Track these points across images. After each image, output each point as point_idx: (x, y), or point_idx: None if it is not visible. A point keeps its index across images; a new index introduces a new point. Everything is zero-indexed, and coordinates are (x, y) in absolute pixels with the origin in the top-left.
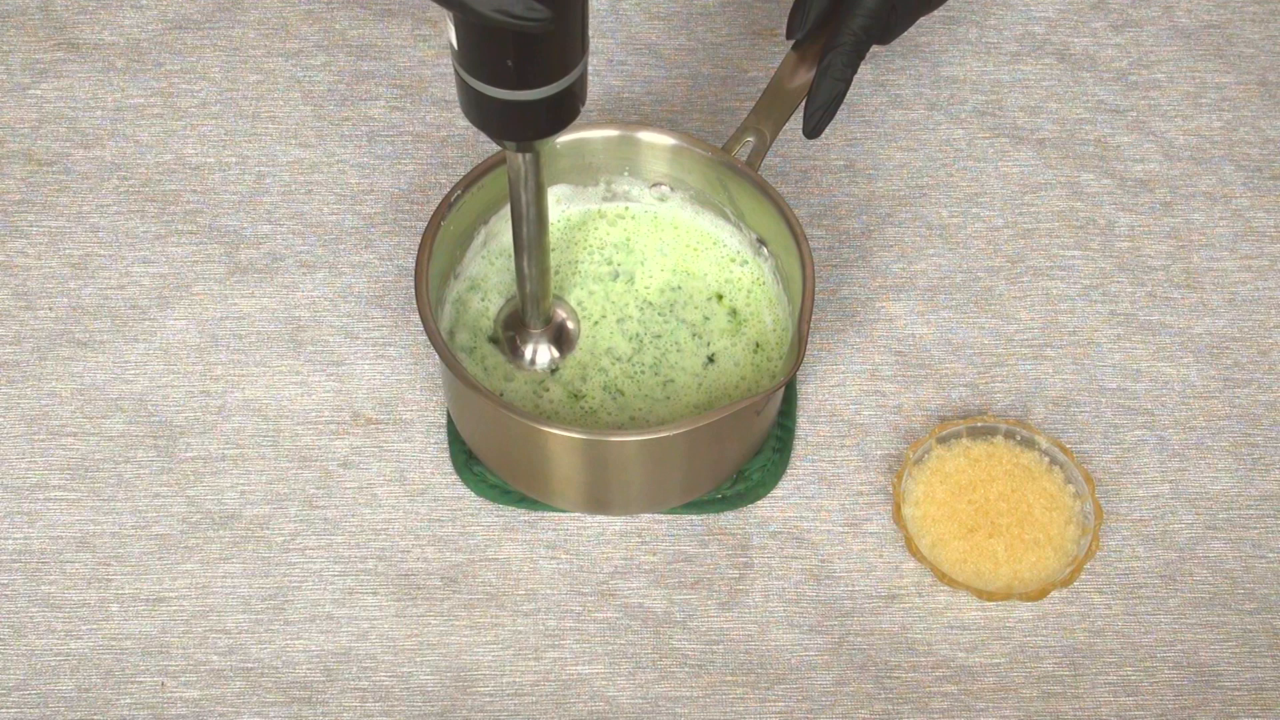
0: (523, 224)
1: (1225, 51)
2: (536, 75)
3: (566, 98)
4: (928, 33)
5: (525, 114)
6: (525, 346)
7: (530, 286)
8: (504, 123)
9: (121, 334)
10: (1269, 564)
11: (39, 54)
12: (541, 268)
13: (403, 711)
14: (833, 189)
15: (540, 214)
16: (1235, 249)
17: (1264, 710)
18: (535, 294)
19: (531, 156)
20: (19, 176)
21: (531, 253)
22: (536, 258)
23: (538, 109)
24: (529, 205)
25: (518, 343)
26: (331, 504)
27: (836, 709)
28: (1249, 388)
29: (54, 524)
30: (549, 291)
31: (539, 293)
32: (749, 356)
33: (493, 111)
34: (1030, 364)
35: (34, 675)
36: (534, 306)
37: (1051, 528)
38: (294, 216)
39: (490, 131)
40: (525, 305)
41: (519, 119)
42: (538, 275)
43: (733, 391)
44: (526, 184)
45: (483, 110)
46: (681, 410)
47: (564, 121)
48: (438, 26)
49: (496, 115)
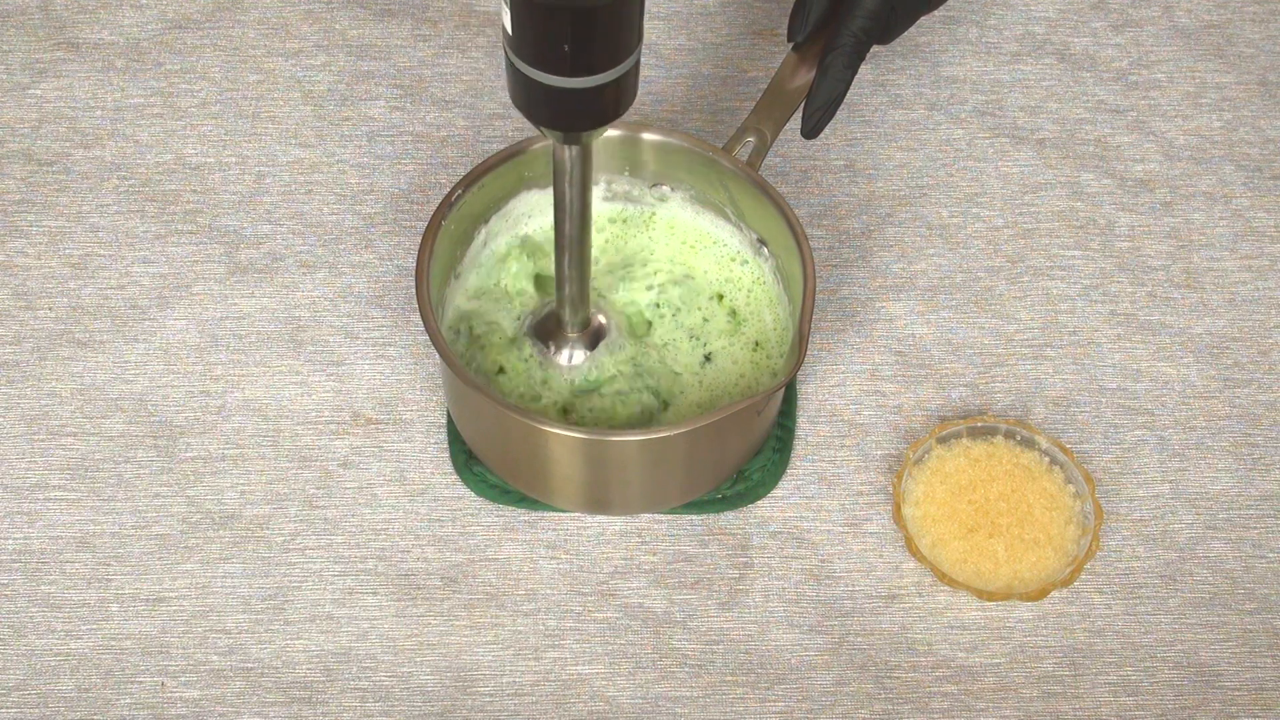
0: (565, 219)
1: (1225, 51)
2: (591, 61)
3: (619, 88)
4: (928, 33)
5: (577, 103)
6: (561, 350)
7: (570, 288)
8: (554, 111)
9: (121, 334)
10: (1269, 564)
11: (39, 54)
12: (582, 268)
13: (403, 711)
14: (833, 189)
15: (584, 210)
16: (1235, 249)
17: (1264, 710)
18: (575, 296)
19: (579, 149)
20: (19, 176)
21: (572, 251)
22: (577, 257)
23: (590, 98)
24: (573, 201)
25: (551, 347)
26: (331, 504)
27: (836, 709)
28: (1249, 388)
29: (54, 524)
30: (589, 294)
31: (578, 295)
32: (748, 356)
33: (542, 99)
34: (1030, 364)
35: (34, 675)
36: (573, 309)
37: (1051, 528)
38: (294, 216)
39: (538, 120)
40: (563, 307)
41: (570, 108)
42: (578, 276)
43: (732, 391)
44: (572, 178)
45: (531, 97)
46: (681, 410)
47: (616, 113)
48: (438, 26)
49: (546, 103)
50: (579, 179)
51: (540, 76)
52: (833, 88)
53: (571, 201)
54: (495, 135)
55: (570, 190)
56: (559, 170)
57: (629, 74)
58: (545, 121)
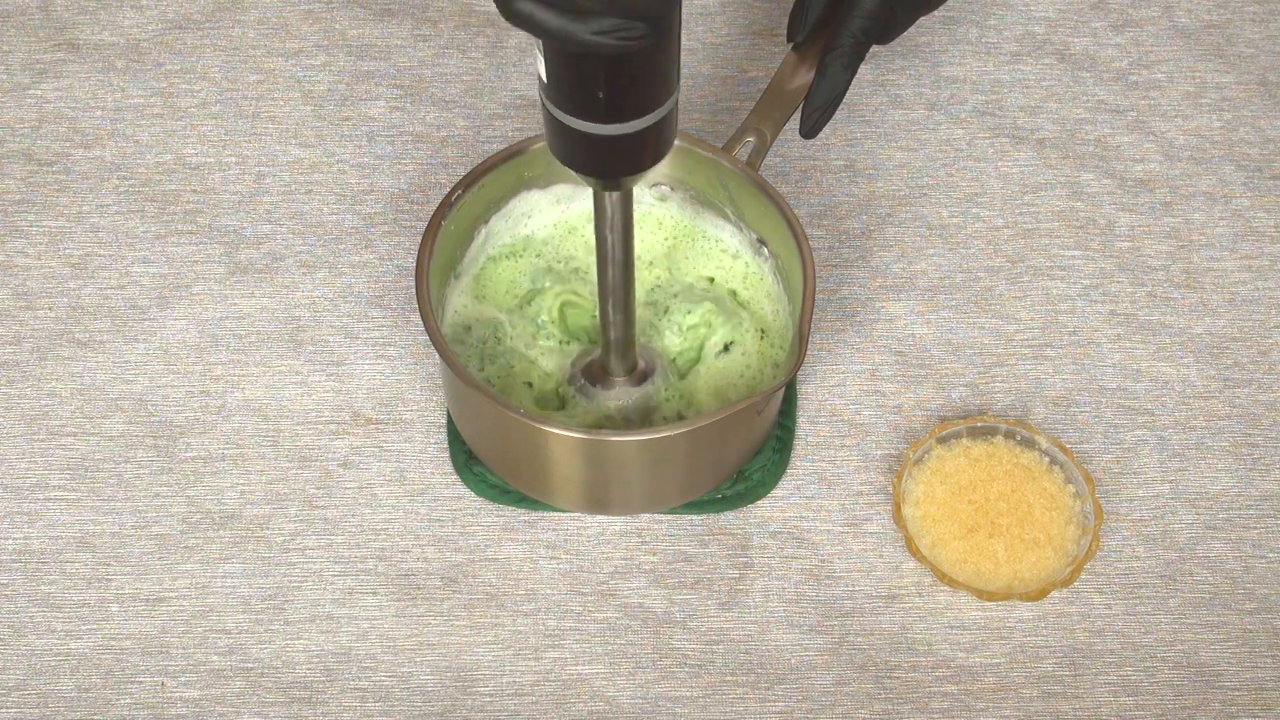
0: (608, 266)
1: (1225, 51)
2: (628, 107)
3: (658, 132)
4: (928, 33)
5: (616, 149)
6: (609, 394)
7: (615, 333)
8: (593, 158)
9: (121, 334)
10: (1269, 564)
11: (39, 54)
12: (627, 314)
13: (403, 711)
14: (833, 189)
15: (627, 257)
16: (1235, 249)
17: (1264, 710)
18: (621, 341)
19: (619, 196)
20: (19, 176)
21: (617, 299)
22: (622, 303)
23: (629, 144)
24: (614, 247)
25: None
26: (331, 504)
27: (836, 709)
28: (1249, 388)
29: (54, 524)
30: (634, 339)
31: (624, 340)
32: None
33: (580, 146)
34: (1030, 364)
35: (34, 675)
36: (619, 355)
37: (1051, 528)
38: (294, 216)
39: (578, 168)
40: (609, 353)
41: (609, 154)
42: (623, 322)
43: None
44: (613, 224)
45: (569, 145)
46: None
47: (656, 158)
48: (438, 26)
49: (585, 150)
50: (620, 225)
51: (578, 124)
52: (832, 88)
53: (614, 247)
54: (495, 135)
55: (612, 236)
56: (600, 217)
57: (667, 118)
58: (584, 169)
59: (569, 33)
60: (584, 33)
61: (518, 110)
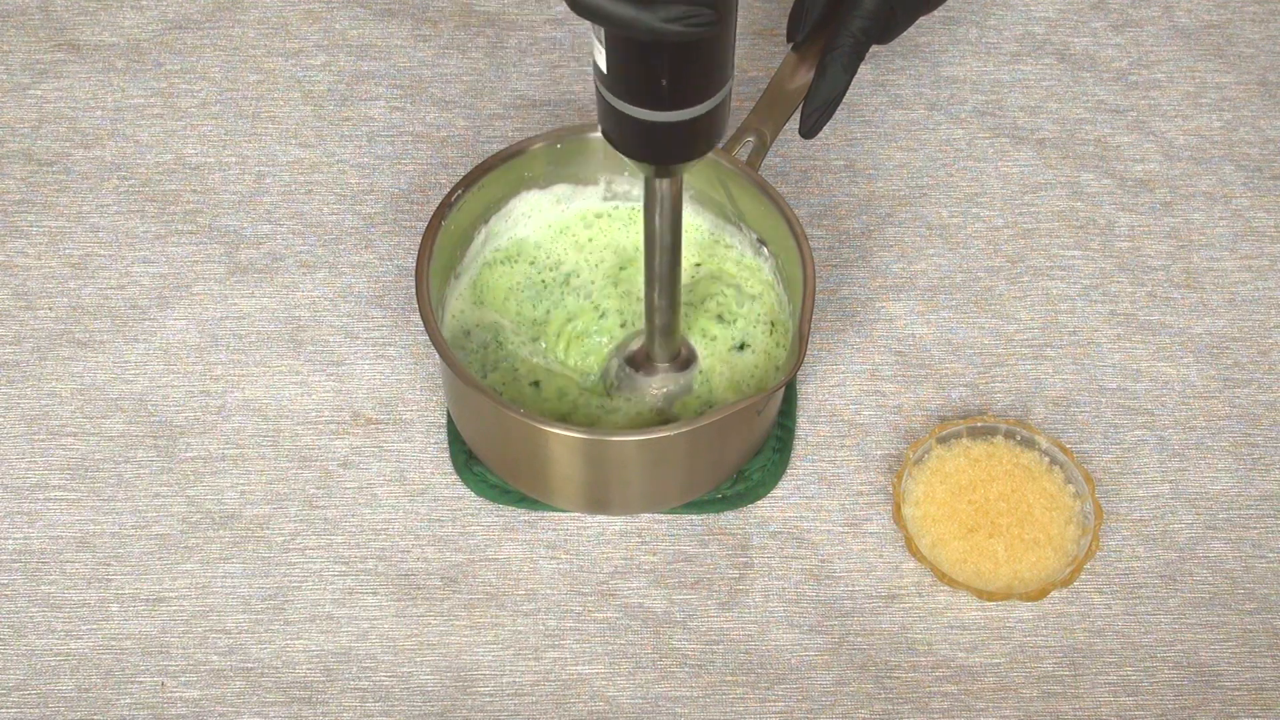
0: (655, 253)
1: (1225, 51)
2: (689, 94)
3: (713, 118)
4: (928, 33)
5: (673, 136)
6: (651, 381)
7: (660, 319)
8: (649, 145)
9: (121, 334)
10: (1269, 564)
11: (39, 54)
12: (673, 300)
13: (403, 711)
14: (833, 189)
15: (675, 243)
16: (1235, 249)
17: (1264, 710)
18: (666, 327)
19: (670, 182)
20: (19, 176)
21: (663, 285)
22: (668, 290)
23: (686, 130)
24: (663, 233)
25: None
26: (331, 504)
27: (836, 709)
28: (1249, 388)
29: (54, 524)
30: (679, 325)
31: (669, 326)
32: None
33: (637, 133)
34: (1030, 364)
35: (34, 675)
36: (663, 340)
37: (1051, 528)
38: (294, 216)
39: (633, 154)
40: (653, 339)
41: (666, 141)
42: (668, 308)
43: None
44: (663, 210)
45: (626, 132)
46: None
47: (710, 144)
48: (438, 26)
49: (641, 137)
50: (670, 212)
51: (635, 111)
52: (831, 88)
53: (662, 234)
54: (495, 135)
55: (661, 223)
56: (650, 204)
57: (723, 104)
58: (640, 155)
59: (639, 21)
60: (654, 20)
61: (518, 110)
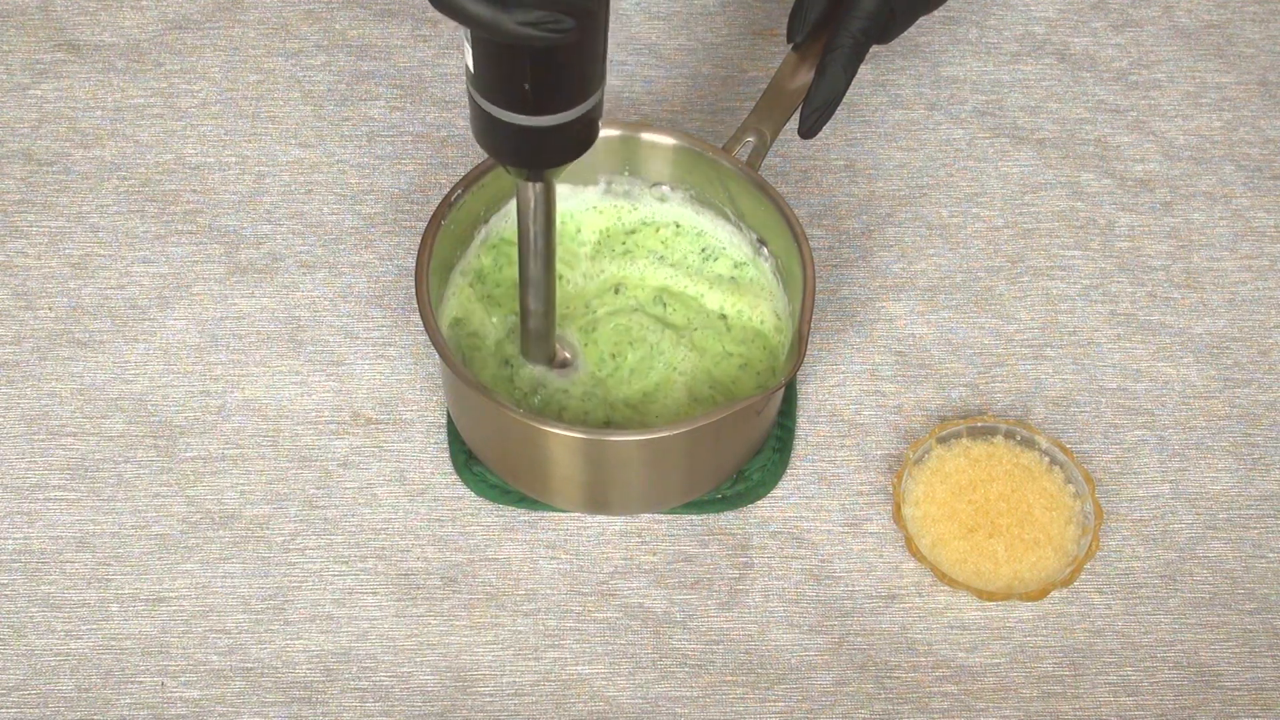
0: (529, 258)
1: (1225, 51)
2: (554, 100)
3: (582, 126)
4: (928, 33)
5: (540, 141)
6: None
7: (534, 323)
8: (517, 149)
9: (121, 334)
10: (1269, 564)
11: (39, 54)
12: (547, 305)
13: (403, 711)
14: (833, 189)
15: (548, 248)
16: (1235, 249)
17: (1264, 710)
18: (539, 331)
19: (542, 187)
20: (19, 176)
21: (538, 289)
22: (543, 294)
23: (553, 136)
24: (536, 238)
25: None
26: (331, 504)
27: (836, 709)
28: (1249, 388)
29: (54, 524)
30: (553, 331)
31: (542, 330)
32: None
33: (505, 137)
34: (1030, 364)
35: (34, 675)
36: (537, 345)
37: (1051, 528)
38: (294, 216)
39: (501, 158)
40: (527, 342)
41: (534, 146)
42: (542, 312)
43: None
44: (535, 216)
45: (495, 135)
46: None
47: (578, 151)
48: (438, 27)
49: (509, 141)
50: (543, 216)
51: (502, 114)
52: (831, 89)
53: (535, 238)
54: None
55: (534, 227)
56: (523, 208)
57: (592, 112)
58: (508, 159)
59: (495, 22)
60: (510, 23)
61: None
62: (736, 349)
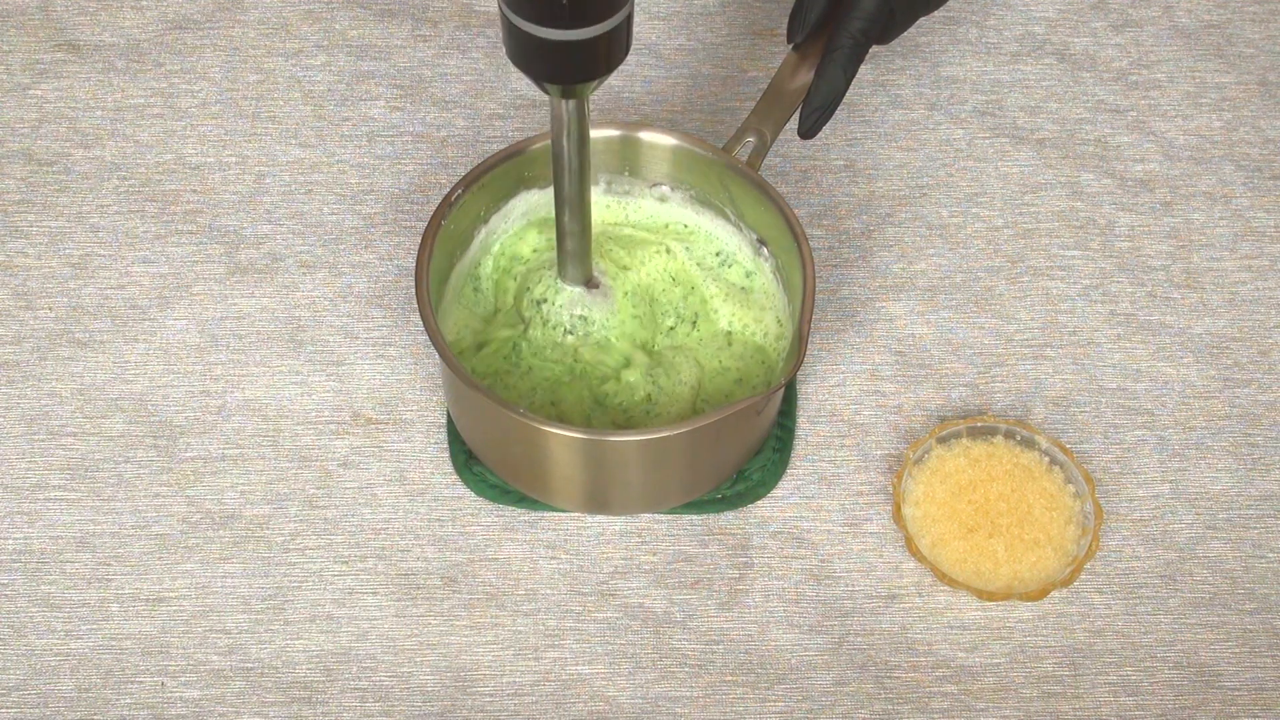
0: (564, 176)
1: (1225, 51)
2: (587, 12)
3: (613, 39)
4: (928, 33)
5: (574, 55)
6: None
7: (571, 244)
8: (551, 65)
9: (121, 334)
10: (1269, 564)
11: (39, 54)
12: (583, 224)
13: (403, 711)
14: (833, 189)
15: (583, 166)
16: (1235, 249)
17: (1264, 710)
18: (576, 251)
19: (576, 103)
20: (19, 176)
21: (573, 208)
22: (578, 213)
23: (587, 49)
24: (571, 156)
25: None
26: (331, 504)
27: (836, 709)
28: (1249, 388)
29: (54, 524)
30: (590, 250)
31: (580, 250)
32: None
33: (539, 53)
34: (1030, 364)
35: (34, 675)
36: (574, 265)
37: (1051, 528)
38: (294, 216)
39: (536, 75)
40: (564, 264)
41: (567, 60)
42: (579, 232)
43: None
44: (570, 133)
45: (528, 52)
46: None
47: (610, 65)
48: (438, 27)
49: (543, 57)
50: (576, 133)
51: (537, 30)
52: (830, 89)
53: (570, 157)
54: (495, 135)
55: (569, 145)
56: (557, 126)
57: (623, 24)
58: (543, 75)
59: None
60: None
61: (518, 110)
62: (733, 364)
